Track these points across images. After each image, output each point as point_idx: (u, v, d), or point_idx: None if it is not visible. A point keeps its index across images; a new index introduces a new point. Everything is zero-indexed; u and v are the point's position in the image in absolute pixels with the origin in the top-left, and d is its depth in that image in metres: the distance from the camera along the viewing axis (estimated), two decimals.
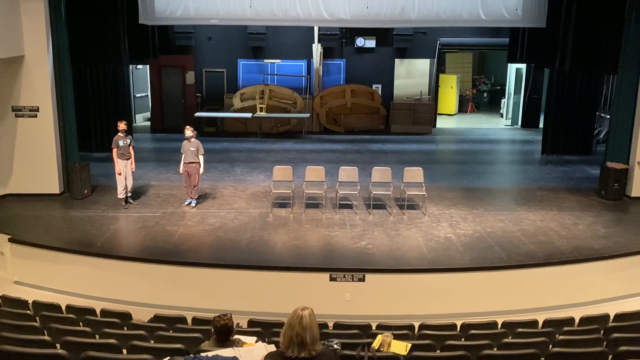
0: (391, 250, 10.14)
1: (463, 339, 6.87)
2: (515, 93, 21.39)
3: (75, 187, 12.63)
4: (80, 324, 7.06)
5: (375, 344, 5.87)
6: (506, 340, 6.57)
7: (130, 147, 12.03)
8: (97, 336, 6.35)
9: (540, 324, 7.58)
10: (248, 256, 9.90)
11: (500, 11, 14.52)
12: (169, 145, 17.02)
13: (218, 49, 20.39)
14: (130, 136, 12.22)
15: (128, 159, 12.00)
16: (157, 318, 7.77)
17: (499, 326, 7.49)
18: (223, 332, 5.20)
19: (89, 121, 16.28)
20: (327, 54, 20.37)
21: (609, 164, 12.98)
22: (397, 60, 20.79)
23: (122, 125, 12.00)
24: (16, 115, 12.40)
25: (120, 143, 11.88)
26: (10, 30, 11.61)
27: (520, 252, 10.01)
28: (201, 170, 11.93)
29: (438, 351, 6.17)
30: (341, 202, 12.19)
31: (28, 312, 7.54)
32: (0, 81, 12.20)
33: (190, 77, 20.21)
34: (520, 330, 7.04)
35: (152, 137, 19.41)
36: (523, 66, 20.25)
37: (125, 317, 7.59)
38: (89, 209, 12.00)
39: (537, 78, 20.04)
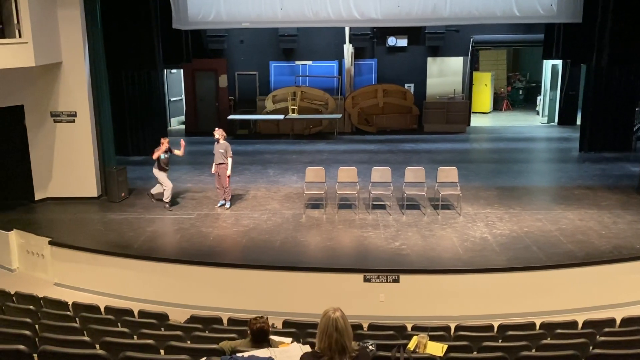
0: (425, 251, 10.06)
1: (500, 340, 6.77)
2: (551, 90, 21.02)
3: (113, 190, 12.87)
4: (119, 324, 7.18)
5: (411, 345, 5.82)
6: (545, 341, 6.45)
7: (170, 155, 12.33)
8: (135, 337, 6.44)
9: (580, 325, 7.42)
10: (282, 257, 9.95)
11: (535, 7, 14.29)
12: (203, 148, 17.16)
13: (250, 52, 20.55)
14: (170, 152, 12.38)
15: (167, 171, 12.27)
16: (193, 319, 7.85)
17: (537, 327, 7.35)
18: (259, 334, 5.24)
19: (125, 125, 16.58)
20: (358, 54, 20.34)
21: None
22: (429, 59, 20.63)
23: (165, 144, 12.17)
24: (55, 121, 12.70)
25: (162, 156, 12.11)
26: (49, 37, 11.90)
27: (559, 251, 9.82)
28: (228, 172, 12.01)
29: (475, 352, 6.08)
30: (374, 203, 12.14)
31: (68, 313, 7.69)
32: (39, 87, 12.52)
33: (223, 80, 20.41)
34: (559, 331, 6.90)
35: (187, 140, 19.57)
36: (559, 62, 19.87)
37: (163, 318, 7.69)
38: (126, 212, 12.21)
39: (573, 74, 19.63)
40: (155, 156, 12.11)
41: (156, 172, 12.19)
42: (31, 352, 4.91)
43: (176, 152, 12.36)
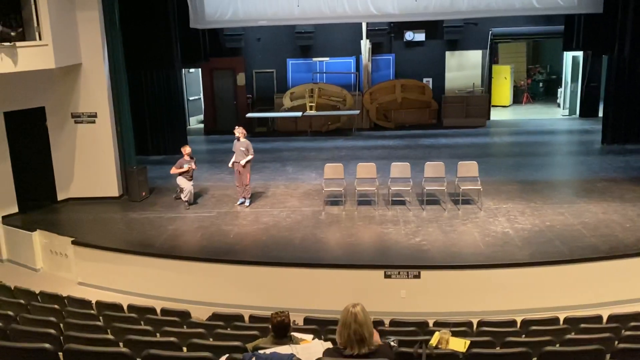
0: (447, 247, 10.01)
1: (524, 336, 6.71)
2: (572, 82, 20.73)
3: (134, 190, 12.99)
4: (142, 322, 7.26)
5: (433, 341, 5.79)
6: (569, 336, 6.38)
7: (194, 167, 12.41)
8: (157, 334, 6.50)
9: (604, 320, 7.33)
10: (302, 254, 9.98)
11: None
12: (222, 147, 17.26)
13: (267, 50, 20.56)
14: (194, 159, 12.47)
15: (190, 180, 12.32)
16: (215, 316, 7.91)
17: (561, 322, 7.29)
18: (280, 328, 5.26)
19: (144, 125, 16.70)
20: (375, 49, 20.25)
21: None
22: (447, 53, 20.46)
23: (188, 150, 12.30)
24: (75, 122, 12.85)
25: (185, 166, 12.19)
26: (68, 39, 12.04)
27: (582, 245, 9.71)
28: (243, 161, 11.96)
29: (498, 348, 6.05)
30: (394, 199, 12.10)
31: (92, 312, 7.79)
32: (60, 89, 12.67)
33: (241, 78, 20.47)
34: (583, 326, 6.83)
35: (206, 139, 19.77)
36: (580, 54, 19.59)
37: (185, 315, 7.76)
38: (148, 211, 12.32)
39: (594, 65, 19.32)
40: (174, 171, 12.20)
41: (179, 180, 12.28)
42: (56, 350, 4.97)
43: (192, 165, 12.43)
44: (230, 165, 12.35)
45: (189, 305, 8.98)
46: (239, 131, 12.11)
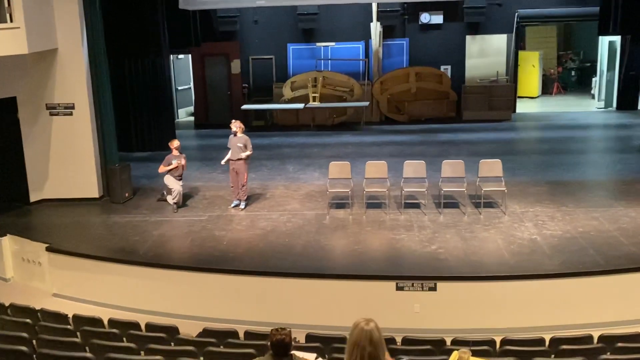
0: (466, 255, 10.02)
1: (553, 356, 6.72)
2: (608, 70, 20.74)
3: (116, 190, 13.01)
4: (124, 339, 7.28)
5: None
6: (604, 356, 6.40)
7: (184, 164, 12.32)
8: (142, 352, 6.53)
9: None
10: (303, 263, 9.99)
11: None
12: (214, 142, 17.32)
13: (265, 34, 20.60)
14: (183, 155, 12.42)
15: (180, 179, 12.30)
16: (206, 332, 7.92)
17: (595, 341, 7.29)
18: (279, 347, 5.25)
19: (128, 118, 16.75)
20: (387, 33, 20.27)
21: None
22: (468, 37, 20.47)
23: (176, 143, 12.27)
24: (50, 114, 12.88)
25: (174, 162, 12.16)
26: (43, 21, 12.05)
27: (619, 254, 9.71)
28: (243, 155, 11.91)
29: None
30: (407, 201, 12.11)
31: (68, 326, 7.81)
32: (33, 77, 12.70)
33: (235, 66, 20.50)
34: (620, 345, 6.83)
35: (196, 134, 19.82)
36: (617, 39, 19.60)
37: (172, 331, 7.78)
38: (131, 214, 12.36)
39: (634, 52, 19.33)
40: (162, 169, 12.16)
41: (167, 179, 12.23)
42: None
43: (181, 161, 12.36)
44: (223, 162, 12.36)
45: (177, 319, 9.00)
46: (236, 125, 12.10)
